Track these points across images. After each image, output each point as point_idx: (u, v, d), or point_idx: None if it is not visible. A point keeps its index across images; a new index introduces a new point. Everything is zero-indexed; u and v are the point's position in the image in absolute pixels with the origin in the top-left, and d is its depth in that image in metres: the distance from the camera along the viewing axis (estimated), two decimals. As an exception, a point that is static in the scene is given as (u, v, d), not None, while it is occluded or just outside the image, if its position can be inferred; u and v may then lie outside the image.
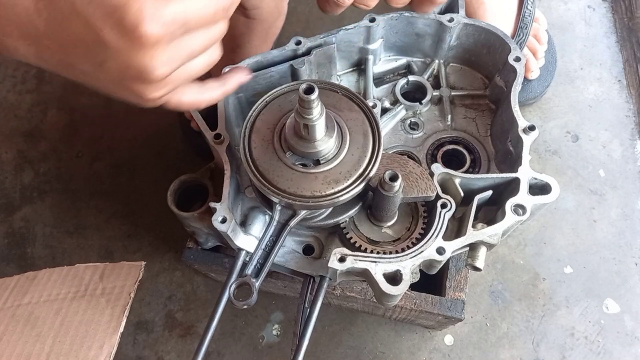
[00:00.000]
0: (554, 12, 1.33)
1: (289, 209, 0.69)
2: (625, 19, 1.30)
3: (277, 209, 0.69)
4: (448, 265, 0.89)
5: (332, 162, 0.66)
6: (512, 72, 0.78)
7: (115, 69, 0.50)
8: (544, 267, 1.11)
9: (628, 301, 1.07)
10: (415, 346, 1.06)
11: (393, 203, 0.68)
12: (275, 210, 0.69)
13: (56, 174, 1.27)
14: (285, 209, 0.70)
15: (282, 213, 0.70)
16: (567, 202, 1.16)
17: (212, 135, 0.73)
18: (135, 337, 1.09)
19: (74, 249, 1.19)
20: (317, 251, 0.77)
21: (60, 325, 1.00)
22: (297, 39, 0.78)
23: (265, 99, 0.71)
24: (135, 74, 0.50)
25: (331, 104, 0.70)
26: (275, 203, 0.69)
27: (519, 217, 0.67)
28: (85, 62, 0.50)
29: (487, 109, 0.87)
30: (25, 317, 1.02)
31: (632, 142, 1.20)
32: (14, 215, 1.23)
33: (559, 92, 1.25)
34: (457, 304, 0.86)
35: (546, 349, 1.05)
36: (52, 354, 0.96)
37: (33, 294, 1.06)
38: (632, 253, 1.11)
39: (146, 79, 0.51)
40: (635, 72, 1.24)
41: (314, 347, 1.06)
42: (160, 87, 0.53)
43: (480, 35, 0.83)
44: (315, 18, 1.35)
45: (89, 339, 0.98)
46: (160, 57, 0.49)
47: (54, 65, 0.52)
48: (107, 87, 0.53)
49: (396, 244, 0.73)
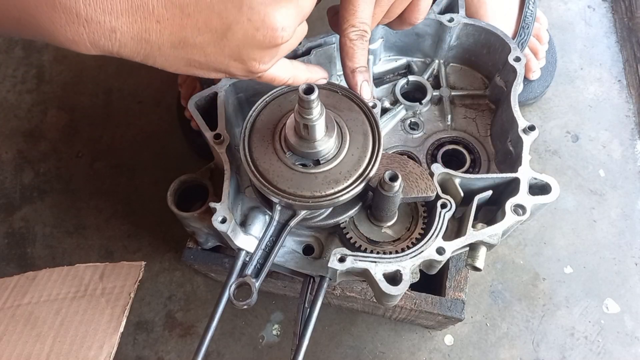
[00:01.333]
0: (554, 12, 1.33)
1: (289, 209, 0.69)
2: (625, 19, 1.30)
3: (277, 209, 0.69)
4: (448, 265, 0.89)
5: (332, 162, 0.66)
6: (512, 72, 0.78)
7: (241, 35, 0.49)
8: (544, 267, 1.11)
9: (628, 301, 1.07)
10: (415, 346, 1.06)
11: (393, 203, 0.68)
12: (275, 210, 0.69)
13: (56, 174, 1.27)
14: (285, 209, 0.70)
15: (282, 213, 0.70)
16: (567, 202, 1.16)
17: (212, 135, 0.73)
18: (135, 337, 1.09)
19: (74, 249, 1.19)
20: (317, 251, 0.77)
21: (60, 325, 1.00)
22: (297, 39, 0.78)
23: (265, 99, 0.71)
24: (266, 35, 0.50)
25: (331, 104, 0.70)
26: (275, 203, 0.69)
27: (519, 217, 0.67)
28: (206, 33, 0.48)
29: (487, 109, 0.87)
30: (25, 317, 1.01)
31: (632, 142, 1.20)
32: (14, 215, 1.23)
33: (559, 92, 1.25)
34: (457, 304, 0.86)
35: (546, 349, 1.05)
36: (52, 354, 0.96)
37: (33, 294, 1.06)
38: (632, 253, 1.11)
39: (274, 41, 0.51)
40: (635, 72, 1.24)
41: (314, 347, 1.06)
42: (276, 53, 0.54)
43: (480, 35, 0.83)
44: (315, 18, 1.34)
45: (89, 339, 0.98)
46: (291, 14, 0.50)
47: (157, 46, 0.48)
48: (219, 60, 0.52)
49: (396, 244, 0.73)
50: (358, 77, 0.69)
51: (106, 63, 1.38)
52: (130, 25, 0.46)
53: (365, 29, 0.67)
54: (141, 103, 1.32)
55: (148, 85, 1.33)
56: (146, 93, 1.33)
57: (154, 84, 1.33)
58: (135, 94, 1.32)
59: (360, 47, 0.68)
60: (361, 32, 0.67)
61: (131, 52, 0.48)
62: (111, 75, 1.36)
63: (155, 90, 1.32)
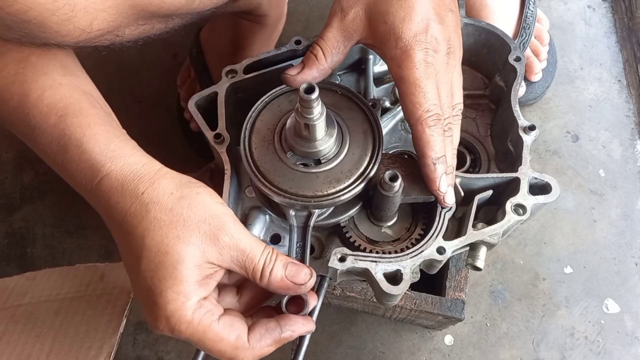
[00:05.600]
0: (554, 12, 1.33)
1: (303, 212, 0.69)
2: (625, 19, 1.30)
3: (292, 214, 0.69)
4: (448, 265, 0.89)
5: (333, 161, 0.66)
6: (512, 72, 0.78)
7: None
8: (544, 267, 1.11)
9: (628, 301, 1.07)
10: (415, 346, 1.06)
11: (393, 203, 0.68)
12: (290, 217, 0.69)
13: (56, 174, 1.27)
14: (299, 214, 0.69)
15: (297, 218, 0.69)
16: (567, 202, 1.16)
17: (212, 135, 0.73)
18: (135, 337, 1.09)
19: (74, 249, 1.19)
20: (318, 251, 0.77)
21: (60, 325, 1.00)
22: (296, 38, 0.78)
23: (265, 99, 0.71)
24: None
25: (331, 103, 0.70)
26: (288, 209, 0.68)
27: (519, 216, 0.67)
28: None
29: (487, 109, 0.87)
30: (25, 317, 1.01)
31: (632, 142, 1.20)
32: (14, 215, 1.23)
33: (559, 92, 1.25)
34: (457, 304, 0.86)
35: (546, 349, 1.05)
36: (52, 354, 0.96)
37: (33, 294, 1.06)
38: (632, 253, 1.11)
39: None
40: (635, 72, 1.24)
41: (314, 347, 1.06)
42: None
43: (481, 35, 0.83)
44: (315, 18, 1.35)
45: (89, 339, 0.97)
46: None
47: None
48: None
49: (396, 243, 0.73)
50: (439, 169, 0.64)
51: (106, 63, 1.38)
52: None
53: (439, 112, 0.63)
54: (141, 103, 1.32)
55: (148, 85, 1.33)
56: (146, 93, 1.33)
57: (154, 84, 1.33)
58: (135, 94, 1.32)
59: (440, 133, 0.63)
60: (437, 116, 0.62)
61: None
62: (111, 75, 1.36)
63: (155, 90, 1.32)
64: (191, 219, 0.58)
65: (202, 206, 0.59)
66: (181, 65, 1.25)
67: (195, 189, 0.61)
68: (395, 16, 0.63)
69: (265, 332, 0.59)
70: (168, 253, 0.57)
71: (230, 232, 0.59)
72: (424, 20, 0.63)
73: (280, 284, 0.60)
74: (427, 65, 0.62)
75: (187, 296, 0.56)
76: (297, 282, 0.60)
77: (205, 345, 0.58)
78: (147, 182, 0.61)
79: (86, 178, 0.64)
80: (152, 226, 0.58)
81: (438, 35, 0.63)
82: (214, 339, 0.57)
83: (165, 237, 0.57)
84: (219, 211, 0.60)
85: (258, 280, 0.60)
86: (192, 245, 0.57)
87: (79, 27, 0.60)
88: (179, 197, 0.60)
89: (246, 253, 0.59)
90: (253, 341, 0.59)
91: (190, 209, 0.59)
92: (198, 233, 0.58)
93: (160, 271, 0.57)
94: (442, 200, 0.67)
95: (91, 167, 0.63)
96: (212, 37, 1.15)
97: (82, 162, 0.63)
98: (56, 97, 0.66)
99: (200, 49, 1.16)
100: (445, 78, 0.64)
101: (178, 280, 0.56)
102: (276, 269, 0.59)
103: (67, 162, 0.65)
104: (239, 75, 0.76)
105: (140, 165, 0.63)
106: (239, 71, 0.76)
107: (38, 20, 0.56)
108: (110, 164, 0.62)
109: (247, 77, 0.76)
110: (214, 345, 0.58)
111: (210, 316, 0.57)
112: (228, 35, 1.13)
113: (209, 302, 0.59)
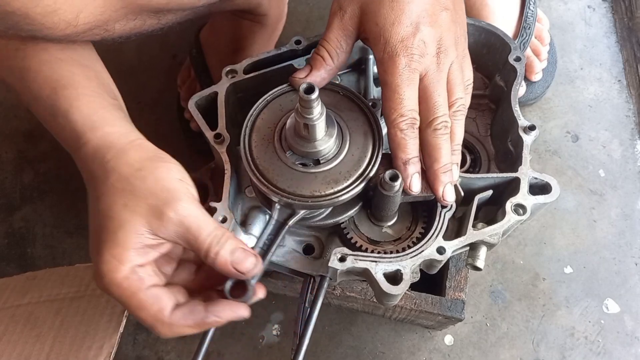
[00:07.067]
0: (554, 12, 1.33)
1: (288, 208, 0.69)
2: (625, 19, 1.30)
3: (277, 207, 0.69)
4: (448, 265, 0.89)
5: (332, 161, 0.66)
6: (512, 72, 0.78)
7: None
8: (544, 267, 1.11)
9: (628, 301, 1.07)
10: (415, 346, 1.06)
11: (393, 203, 0.68)
12: (274, 209, 0.69)
13: (56, 174, 1.27)
14: (284, 208, 0.69)
15: (281, 212, 0.70)
16: (567, 202, 1.16)
17: (212, 135, 0.73)
18: (135, 337, 1.09)
19: (74, 249, 1.19)
20: (318, 251, 0.77)
21: (60, 325, 1.00)
22: (296, 38, 0.78)
23: (266, 99, 0.71)
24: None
25: (331, 103, 0.70)
26: (275, 202, 0.69)
27: (519, 216, 0.67)
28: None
29: (487, 109, 0.87)
30: (25, 317, 1.01)
31: (632, 142, 1.20)
32: (14, 215, 1.23)
33: (559, 92, 1.25)
34: (457, 304, 0.86)
35: (546, 349, 1.05)
36: (52, 354, 0.96)
37: (33, 294, 1.05)
38: (632, 253, 1.11)
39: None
40: (635, 72, 1.24)
41: (314, 347, 1.06)
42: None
43: (481, 34, 0.83)
44: (315, 18, 1.35)
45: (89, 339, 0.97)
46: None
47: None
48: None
49: (396, 243, 0.73)
50: (410, 169, 0.66)
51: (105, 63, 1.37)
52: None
53: (415, 116, 0.64)
54: (141, 103, 1.31)
55: (148, 86, 1.33)
56: (146, 93, 1.33)
57: (154, 84, 1.33)
58: (135, 94, 1.32)
59: (412, 137, 0.65)
60: (411, 121, 0.64)
61: None
62: (111, 75, 1.36)
63: (155, 90, 1.32)
64: (141, 190, 0.60)
65: (156, 180, 0.61)
66: (181, 65, 1.25)
67: (156, 163, 0.63)
68: (386, 19, 0.64)
69: (188, 313, 0.61)
70: (112, 218, 0.60)
71: (177, 208, 0.60)
72: (413, 23, 0.64)
73: (223, 267, 0.61)
74: (411, 71, 0.63)
75: (121, 261, 0.59)
76: (239, 270, 0.61)
77: (129, 309, 0.60)
78: (114, 152, 0.64)
79: (71, 147, 0.68)
80: (106, 192, 0.62)
81: (427, 38, 0.64)
82: (137, 305, 0.60)
83: (114, 203, 0.60)
84: (172, 186, 0.62)
85: (205, 259, 0.61)
86: (137, 214, 0.59)
87: (64, 20, 0.62)
88: (137, 169, 0.62)
89: (191, 231, 0.60)
90: (174, 318, 0.60)
91: (144, 180, 0.61)
92: (145, 204, 0.60)
93: (103, 234, 0.60)
94: (441, 198, 0.67)
95: (74, 136, 0.67)
96: (212, 37, 1.15)
97: (67, 132, 0.67)
98: (51, 71, 0.69)
99: (200, 49, 1.16)
100: (437, 77, 0.65)
101: (115, 244, 0.59)
102: (223, 251, 0.61)
103: (57, 130, 0.69)
104: (239, 75, 0.76)
105: (116, 136, 0.66)
106: (239, 71, 0.76)
107: (22, 11, 0.58)
108: (90, 133, 0.66)
109: (247, 77, 0.76)
110: (135, 312, 0.60)
111: (140, 284, 0.59)
112: (228, 35, 1.13)
113: (144, 271, 0.60)
